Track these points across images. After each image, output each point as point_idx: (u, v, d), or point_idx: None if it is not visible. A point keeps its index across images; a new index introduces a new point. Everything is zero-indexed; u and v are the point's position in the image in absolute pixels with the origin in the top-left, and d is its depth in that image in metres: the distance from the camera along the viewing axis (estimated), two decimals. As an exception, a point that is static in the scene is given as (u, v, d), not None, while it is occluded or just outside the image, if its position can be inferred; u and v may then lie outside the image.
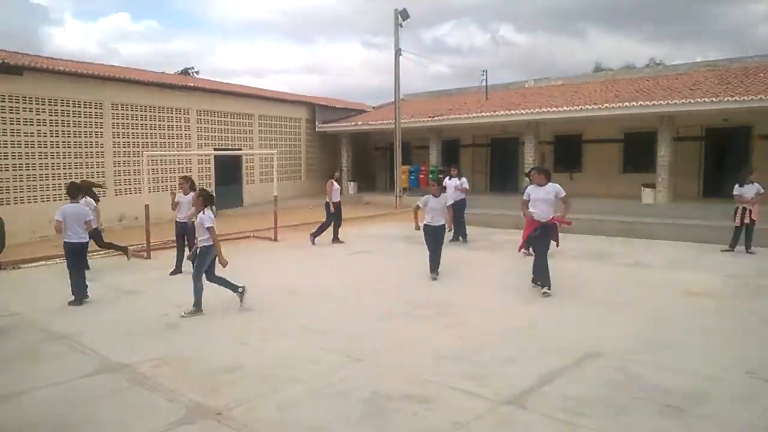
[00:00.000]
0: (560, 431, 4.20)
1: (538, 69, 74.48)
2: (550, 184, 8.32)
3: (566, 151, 20.92)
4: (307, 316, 7.38)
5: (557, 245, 8.65)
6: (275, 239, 14.03)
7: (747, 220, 11.63)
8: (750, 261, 11.02)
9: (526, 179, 14.88)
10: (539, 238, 8.36)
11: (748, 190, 11.67)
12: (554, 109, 18.32)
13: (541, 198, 8.22)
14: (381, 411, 4.55)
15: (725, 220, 12.44)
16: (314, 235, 13.38)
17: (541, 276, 8.34)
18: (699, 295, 8.30)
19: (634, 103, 16.72)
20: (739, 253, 11.62)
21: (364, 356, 5.81)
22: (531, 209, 8.30)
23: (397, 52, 21.19)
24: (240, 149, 21.33)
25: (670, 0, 69.58)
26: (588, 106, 17.68)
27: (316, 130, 24.88)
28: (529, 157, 19.41)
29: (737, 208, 11.76)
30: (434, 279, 9.41)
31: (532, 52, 73.36)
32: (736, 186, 11.89)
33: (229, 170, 21.15)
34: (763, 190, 11.77)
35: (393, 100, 21.97)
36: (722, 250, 11.89)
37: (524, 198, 8.44)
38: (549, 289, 8.19)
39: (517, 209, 16.83)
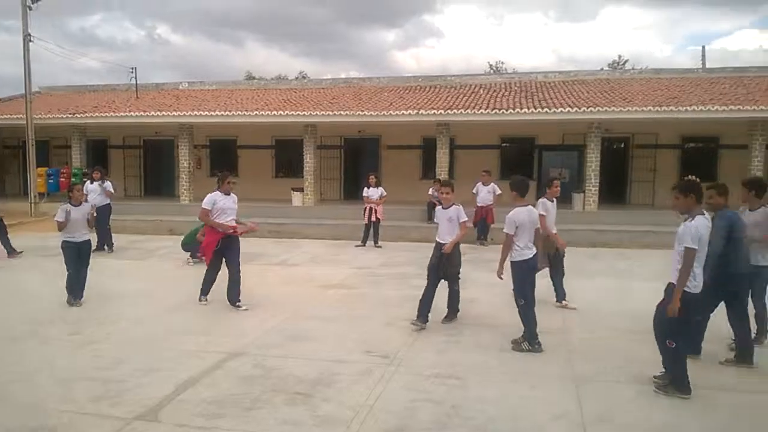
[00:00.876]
0: (194, 437, 4.22)
1: (194, 72, 73.72)
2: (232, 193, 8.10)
3: (222, 156, 21.12)
4: None
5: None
6: None
7: (374, 218, 13.51)
8: (377, 254, 12.82)
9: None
10: (219, 261, 8.02)
11: (373, 193, 13.56)
12: (208, 113, 18.32)
13: (230, 207, 7.93)
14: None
15: (359, 219, 14.18)
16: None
17: (205, 286, 8.13)
18: (334, 287, 9.31)
19: (283, 112, 17.81)
20: (369, 248, 13.41)
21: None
22: (218, 219, 7.82)
23: (26, 38, 18.42)
24: None
25: (321, 20, 76.57)
26: (241, 112, 18.15)
27: None
28: (185, 161, 19.01)
29: (365, 208, 13.57)
30: (77, 305, 7.91)
31: (188, 54, 72.25)
32: (365, 189, 13.72)
33: None
34: (386, 193, 13.80)
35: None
36: (356, 246, 13.59)
37: (206, 207, 7.82)
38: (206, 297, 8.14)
39: (173, 214, 16.58)
